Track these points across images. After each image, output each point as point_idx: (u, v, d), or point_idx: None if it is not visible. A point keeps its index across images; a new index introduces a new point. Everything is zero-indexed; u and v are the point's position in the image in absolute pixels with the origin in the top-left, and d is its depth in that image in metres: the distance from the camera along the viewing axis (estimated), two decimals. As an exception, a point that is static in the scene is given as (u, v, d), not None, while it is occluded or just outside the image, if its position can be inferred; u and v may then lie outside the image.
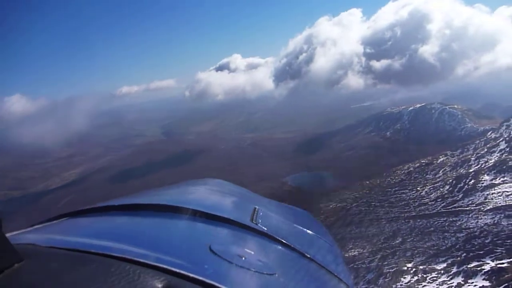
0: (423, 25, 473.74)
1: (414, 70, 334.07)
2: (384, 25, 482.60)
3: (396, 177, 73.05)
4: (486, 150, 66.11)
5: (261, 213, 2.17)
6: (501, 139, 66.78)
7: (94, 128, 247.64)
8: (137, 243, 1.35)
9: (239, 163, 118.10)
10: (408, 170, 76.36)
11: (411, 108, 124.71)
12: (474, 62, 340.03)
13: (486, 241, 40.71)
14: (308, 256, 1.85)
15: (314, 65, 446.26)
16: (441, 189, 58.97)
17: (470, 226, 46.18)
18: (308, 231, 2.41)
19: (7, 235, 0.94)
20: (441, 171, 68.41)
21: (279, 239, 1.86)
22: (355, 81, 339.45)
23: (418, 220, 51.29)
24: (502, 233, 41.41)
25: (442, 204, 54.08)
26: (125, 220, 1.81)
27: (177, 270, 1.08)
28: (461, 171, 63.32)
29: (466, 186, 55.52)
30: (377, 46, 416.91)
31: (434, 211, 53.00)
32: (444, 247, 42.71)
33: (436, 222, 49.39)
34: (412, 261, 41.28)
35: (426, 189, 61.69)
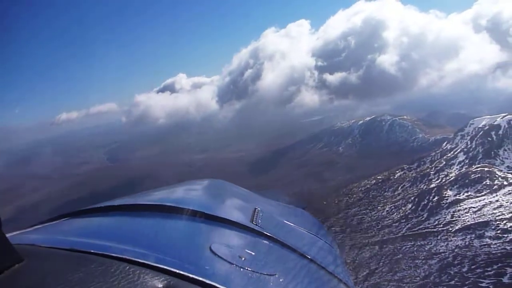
0: (379, 33, 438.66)
1: (373, 82, 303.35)
2: (335, 35, 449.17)
3: (354, 196, 68.86)
4: (444, 163, 63.50)
5: (261, 214, 2.16)
6: (458, 150, 64.46)
7: (31, 159, 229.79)
8: (138, 243, 1.37)
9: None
10: (365, 187, 72.56)
11: (361, 122, 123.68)
12: (438, 71, 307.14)
13: (464, 269, 36.43)
14: (308, 257, 1.86)
15: (262, 82, 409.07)
16: (403, 208, 55.06)
17: (441, 251, 42.08)
18: (309, 232, 2.40)
19: (8, 235, 0.96)
20: (400, 187, 64.94)
21: (279, 239, 1.88)
22: (309, 97, 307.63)
23: (384, 246, 46.62)
24: (479, 258, 37.42)
25: (407, 226, 49.95)
26: (125, 220, 1.82)
27: (178, 271, 1.08)
28: (422, 186, 60.05)
29: (430, 204, 51.87)
30: (329, 58, 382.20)
31: (399, 234, 48.64)
32: (418, 278, 37.99)
33: (404, 247, 44.94)
34: (386, 302, 36.24)
35: (387, 208, 57.63)
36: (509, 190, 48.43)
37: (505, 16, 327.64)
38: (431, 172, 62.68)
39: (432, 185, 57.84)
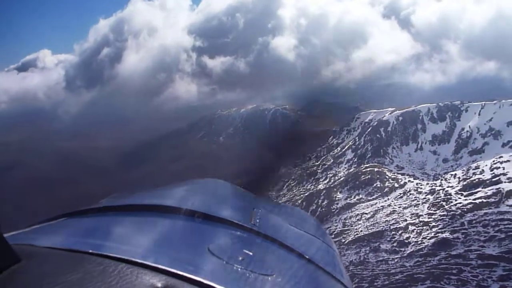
0: (273, 11, 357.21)
1: (266, 70, 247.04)
2: (220, 9, 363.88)
3: (235, 197, 61.65)
4: (332, 160, 59.24)
5: (259, 214, 2.15)
6: (346, 146, 60.75)
7: None
8: (135, 243, 1.42)
9: (52, 182, 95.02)
10: (247, 185, 65.78)
11: (243, 110, 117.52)
12: (346, 61, 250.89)
13: (364, 296, 30.87)
14: (306, 257, 1.85)
15: (123, 66, 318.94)
16: (290, 214, 49.00)
17: (334, 268, 36.49)
18: (307, 232, 2.36)
19: (5, 235, 0.96)
20: (285, 186, 59.19)
21: (278, 240, 1.88)
22: (184, 88, 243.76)
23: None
24: (378, 281, 32.16)
25: (296, 236, 43.84)
26: (123, 220, 1.83)
27: (176, 271, 1.09)
28: (309, 187, 54.82)
29: (320, 209, 46.43)
30: (212, 38, 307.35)
31: (287, 247, 42.30)
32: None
33: (293, 265, 38.58)
34: None
35: (272, 213, 51.20)
36: (400, 193, 45.11)
37: (403, 3, 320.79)
38: (318, 171, 57.96)
39: (320, 186, 52.86)
